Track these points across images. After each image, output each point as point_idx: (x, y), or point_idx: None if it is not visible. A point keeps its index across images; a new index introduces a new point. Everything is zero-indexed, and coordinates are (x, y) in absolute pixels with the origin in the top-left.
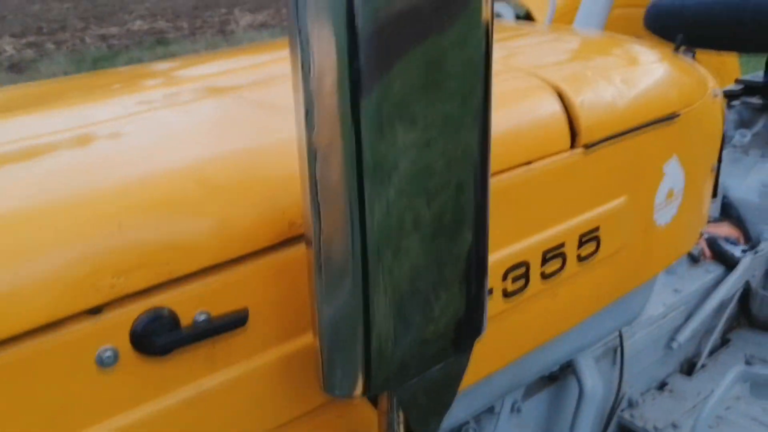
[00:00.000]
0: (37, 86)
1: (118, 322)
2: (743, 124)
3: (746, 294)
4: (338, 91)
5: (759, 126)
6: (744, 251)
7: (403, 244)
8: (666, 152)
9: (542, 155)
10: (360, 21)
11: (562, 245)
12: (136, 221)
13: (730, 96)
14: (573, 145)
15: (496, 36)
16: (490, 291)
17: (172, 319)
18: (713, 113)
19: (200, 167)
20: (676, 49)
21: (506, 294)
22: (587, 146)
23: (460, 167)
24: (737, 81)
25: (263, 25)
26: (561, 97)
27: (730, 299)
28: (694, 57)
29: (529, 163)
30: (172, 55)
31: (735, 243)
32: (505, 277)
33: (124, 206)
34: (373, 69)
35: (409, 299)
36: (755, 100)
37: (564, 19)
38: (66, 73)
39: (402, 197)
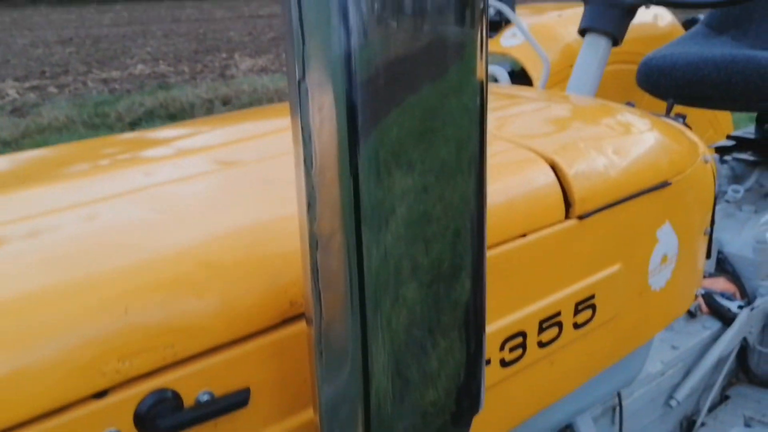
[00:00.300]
0: (39, 154)
1: (122, 404)
2: (736, 179)
3: (744, 350)
4: (340, 184)
5: (751, 181)
6: (740, 307)
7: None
8: (659, 219)
9: (537, 227)
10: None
11: (558, 314)
12: (142, 304)
13: (722, 151)
14: (567, 216)
15: (490, 105)
16: (488, 362)
17: (176, 401)
18: (704, 179)
19: (204, 247)
20: (668, 113)
21: (504, 363)
22: (581, 217)
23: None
24: (729, 137)
25: (263, 70)
26: (555, 169)
27: (728, 355)
28: (684, 121)
29: (524, 235)
30: (173, 100)
31: (731, 298)
32: (502, 347)
33: (129, 289)
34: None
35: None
36: (747, 156)
37: (559, 76)
38: (68, 117)
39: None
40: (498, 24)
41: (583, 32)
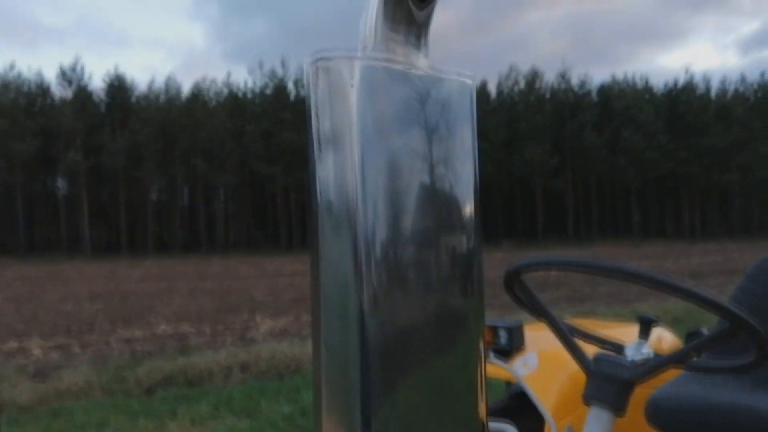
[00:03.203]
0: None
1: None
2: None
3: None
4: None
5: None
6: None
7: None
8: None
9: None
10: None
11: None
12: None
13: None
14: None
15: None
16: None
17: None
18: None
19: None
20: None
21: None
22: None
23: None
24: None
25: (283, 332)
26: None
27: None
28: None
29: None
30: (192, 366)
31: None
32: None
33: None
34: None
35: None
36: None
37: (566, 408)
38: (87, 382)
39: None
40: (509, 351)
41: (587, 401)
